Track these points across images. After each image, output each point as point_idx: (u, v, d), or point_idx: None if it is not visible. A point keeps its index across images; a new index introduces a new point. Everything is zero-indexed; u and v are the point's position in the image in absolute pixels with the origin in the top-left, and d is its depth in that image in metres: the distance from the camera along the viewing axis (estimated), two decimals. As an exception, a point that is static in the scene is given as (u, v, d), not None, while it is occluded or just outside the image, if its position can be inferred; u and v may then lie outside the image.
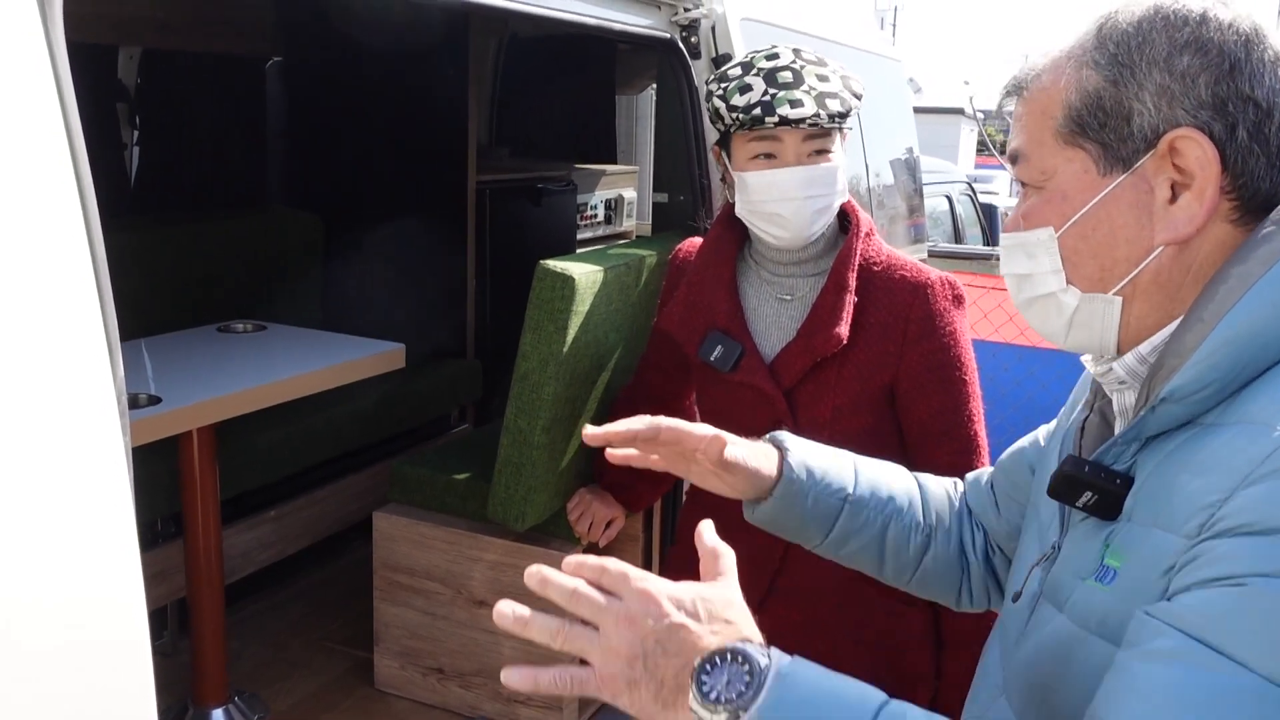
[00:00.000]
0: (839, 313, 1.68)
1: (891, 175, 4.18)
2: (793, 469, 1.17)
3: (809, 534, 1.21)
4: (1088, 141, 0.87)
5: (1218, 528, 0.74)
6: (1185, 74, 0.84)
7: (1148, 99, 0.84)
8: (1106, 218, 0.87)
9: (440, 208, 3.82)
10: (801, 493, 1.17)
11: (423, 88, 3.71)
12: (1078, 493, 0.87)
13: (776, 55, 1.71)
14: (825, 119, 1.66)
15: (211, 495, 2.44)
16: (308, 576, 3.25)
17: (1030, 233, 0.92)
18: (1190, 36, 0.84)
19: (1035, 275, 0.93)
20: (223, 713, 2.48)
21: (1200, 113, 0.83)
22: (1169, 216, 0.85)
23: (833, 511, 1.19)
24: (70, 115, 0.98)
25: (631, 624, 0.81)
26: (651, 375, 2.04)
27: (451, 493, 2.51)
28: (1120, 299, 0.89)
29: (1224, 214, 0.85)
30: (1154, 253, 0.86)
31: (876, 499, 1.21)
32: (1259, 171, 0.84)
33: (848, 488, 1.20)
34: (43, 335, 0.94)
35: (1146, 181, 0.85)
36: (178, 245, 3.31)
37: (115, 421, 1.00)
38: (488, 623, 2.46)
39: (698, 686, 0.77)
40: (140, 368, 2.29)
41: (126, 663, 1.01)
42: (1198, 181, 0.83)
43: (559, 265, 2.10)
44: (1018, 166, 0.94)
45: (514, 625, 0.85)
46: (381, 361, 2.69)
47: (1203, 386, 0.80)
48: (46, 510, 0.93)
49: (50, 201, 0.96)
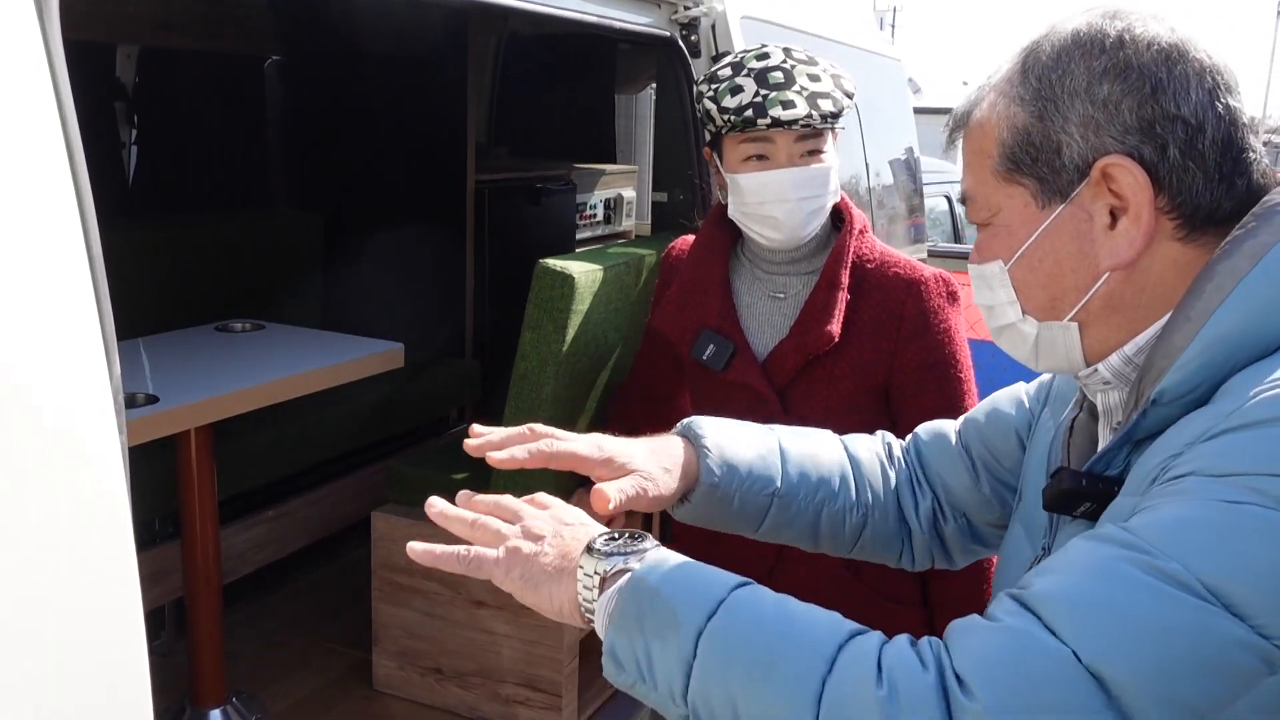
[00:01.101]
0: (831, 310, 1.68)
1: (891, 175, 4.18)
2: (712, 471, 1.11)
3: (737, 529, 1.16)
4: (1024, 177, 0.88)
5: (1168, 475, 0.75)
6: (1107, 102, 0.84)
7: (1074, 130, 0.85)
8: (1051, 249, 0.88)
9: (439, 207, 3.81)
10: (725, 496, 1.12)
11: (422, 87, 3.70)
12: (1075, 505, 0.87)
13: (767, 55, 1.70)
14: (818, 119, 1.65)
15: (209, 495, 2.43)
16: (306, 577, 3.24)
17: (984, 266, 0.94)
18: (1109, 63, 0.84)
19: (996, 306, 0.95)
20: (220, 713, 2.47)
21: (1127, 138, 0.83)
22: (1110, 242, 0.85)
23: (761, 508, 1.14)
24: (67, 114, 0.98)
25: (536, 529, 0.93)
26: (645, 374, 2.03)
27: (450, 493, 2.49)
28: (1076, 324, 0.90)
29: (1168, 233, 0.85)
30: (1101, 279, 0.87)
31: (806, 486, 1.15)
32: (1197, 187, 0.83)
33: (775, 481, 1.14)
34: (38, 333, 0.93)
35: (1085, 210, 0.86)
36: (176, 244, 3.31)
37: (112, 420, 0.99)
38: (487, 623, 2.45)
39: (590, 548, 0.88)
40: (138, 367, 2.28)
41: (123, 664, 1.01)
42: (1132, 206, 0.84)
43: (559, 264, 2.10)
44: (967, 207, 0.96)
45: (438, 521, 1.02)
46: (380, 361, 2.68)
47: (1193, 388, 0.80)
48: (42, 509, 0.92)
49: (46, 199, 0.95)
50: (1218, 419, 0.75)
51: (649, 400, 2.07)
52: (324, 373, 2.53)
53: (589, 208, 4.52)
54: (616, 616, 0.84)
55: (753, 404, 1.72)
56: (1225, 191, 0.84)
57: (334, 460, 3.22)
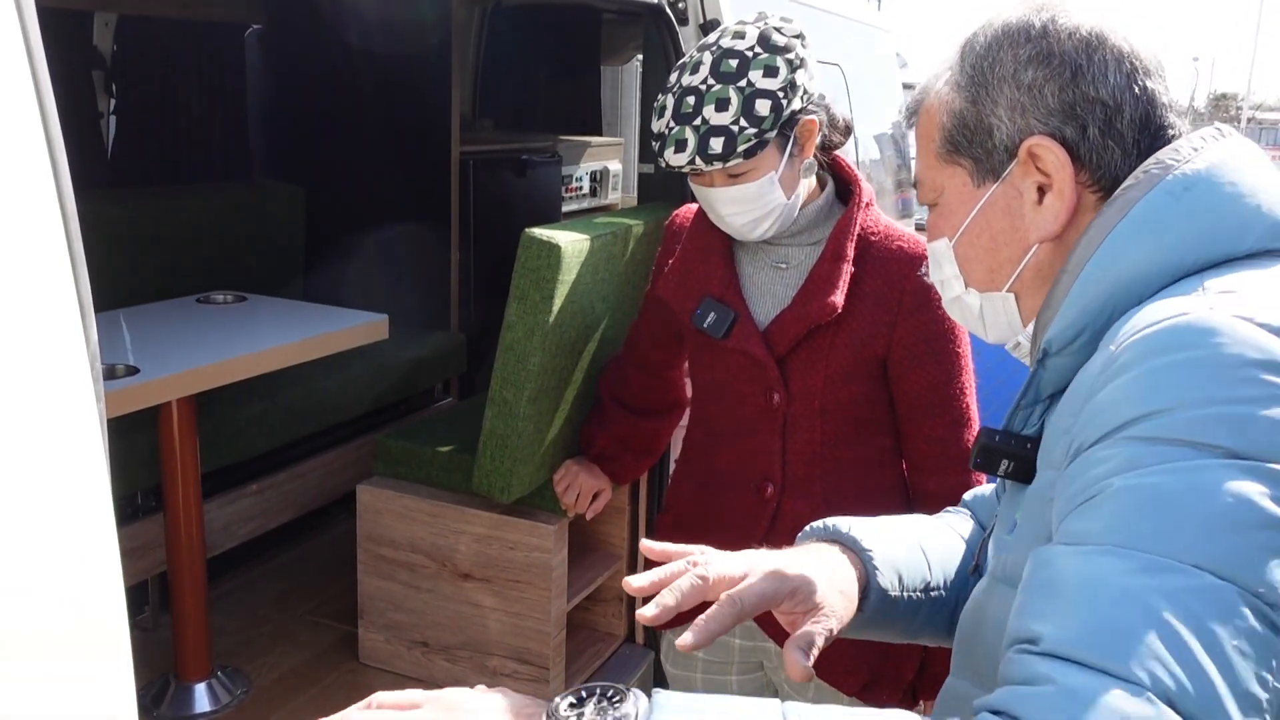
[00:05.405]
0: (835, 281, 1.67)
1: (878, 149, 4.16)
2: (884, 589, 1.05)
3: (893, 635, 1.12)
4: (962, 158, 0.96)
5: (1073, 449, 0.78)
6: (1032, 86, 0.91)
7: (1003, 113, 0.92)
8: (987, 225, 0.96)
9: (423, 179, 3.77)
10: (894, 602, 1.07)
11: (406, 58, 3.65)
12: (996, 462, 0.93)
13: (698, 68, 1.67)
14: (702, 165, 1.63)
15: (192, 468, 2.41)
16: (291, 550, 3.23)
17: (934, 244, 1.02)
18: (1033, 51, 0.91)
19: (944, 281, 1.03)
20: (205, 687, 2.46)
21: (1050, 120, 0.90)
22: (1038, 216, 0.92)
23: (917, 606, 1.10)
24: (42, 83, 0.95)
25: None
26: (643, 343, 2.02)
27: (436, 465, 2.49)
28: (1013, 295, 0.98)
29: (1091, 205, 0.91)
30: (1031, 250, 0.94)
31: (947, 581, 1.12)
32: (1115, 163, 0.90)
33: (926, 576, 1.10)
34: (8, 301, 0.91)
35: (1016, 188, 0.93)
36: (156, 215, 3.27)
37: (89, 388, 0.97)
38: (473, 596, 2.45)
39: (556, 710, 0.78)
40: (118, 339, 2.25)
41: (103, 640, 0.99)
42: (1056, 183, 0.91)
43: (545, 233, 2.08)
44: (919, 191, 1.03)
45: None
46: (364, 332, 2.66)
47: (1076, 333, 0.85)
48: (16, 483, 0.91)
49: (18, 166, 0.93)
50: (1100, 370, 0.78)
51: (643, 370, 2.06)
52: (308, 344, 2.51)
53: (574, 180, 4.49)
54: None
55: (752, 372, 1.72)
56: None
57: (319, 434, 3.20)
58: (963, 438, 1.70)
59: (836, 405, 1.71)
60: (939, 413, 1.70)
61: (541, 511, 2.39)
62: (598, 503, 2.26)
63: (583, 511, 2.26)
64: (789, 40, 1.67)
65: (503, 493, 2.26)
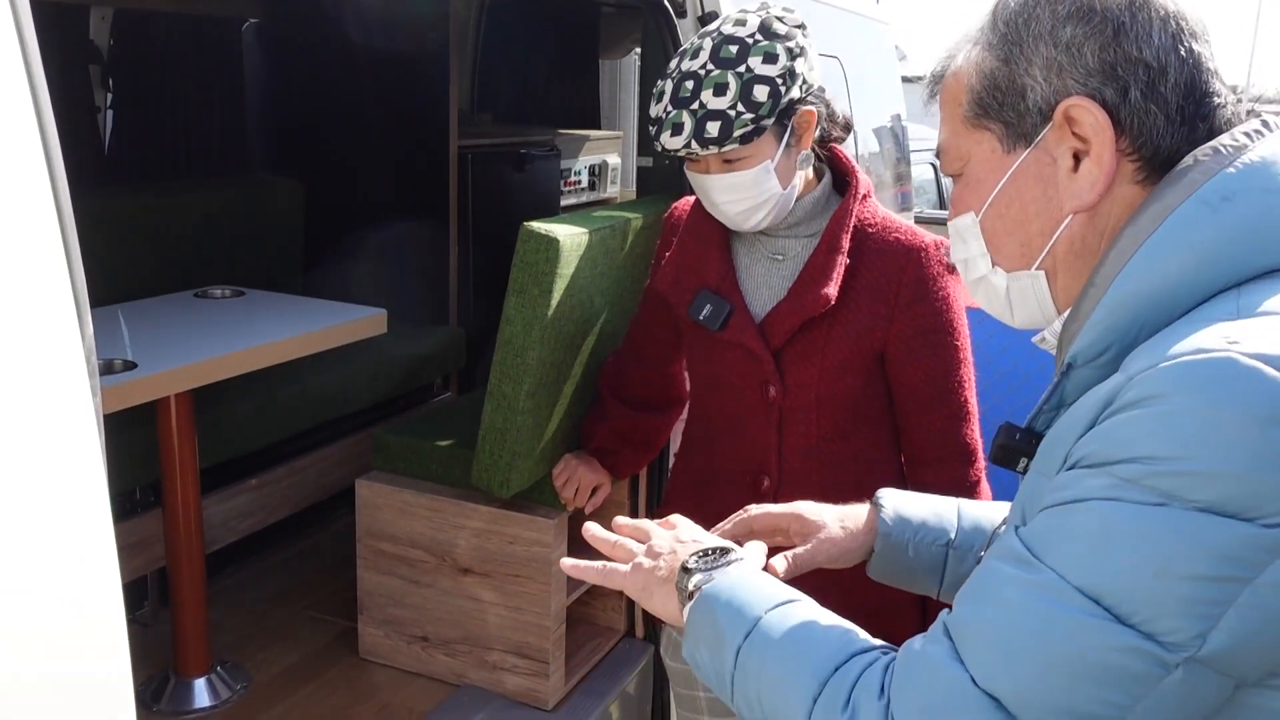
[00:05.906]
0: (830, 273, 1.66)
1: (877, 142, 4.15)
2: (885, 523, 1.19)
3: (922, 584, 1.20)
4: (992, 122, 0.90)
5: (1069, 463, 0.79)
6: (1070, 44, 0.85)
7: (1038, 73, 0.86)
8: (1017, 194, 0.90)
9: (422, 173, 3.76)
10: (899, 545, 1.18)
11: (404, 51, 3.64)
12: (1015, 459, 0.92)
13: (698, 53, 1.67)
14: (698, 149, 1.62)
15: (190, 463, 2.40)
16: (290, 545, 3.22)
17: (958, 219, 0.96)
18: (1072, 7, 0.85)
19: (969, 260, 0.97)
20: (205, 683, 2.46)
21: (1089, 80, 0.84)
22: (1073, 185, 0.87)
23: (937, 560, 1.18)
24: (37, 77, 0.94)
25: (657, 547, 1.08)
26: (642, 337, 2.02)
27: (435, 460, 2.48)
28: (1043, 273, 0.92)
29: (1128, 175, 0.86)
30: (1064, 222, 0.88)
31: (980, 539, 1.17)
32: (1158, 130, 0.84)
33: (949, 533, 1.18)
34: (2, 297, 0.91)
35: (1049, 154, 0.87)
36: (154, 210, 3.26)
37: (85, 382, 0.97)
38: (472, 590, 2.45)
39: (685, 566, 1.03)
40: (116, 334, 2.24)
41: (101, 636, 0.99)
42: (1094, 148, 0.85)
43: (543, 227, 2.07)
44: (942, 161, 0.98)
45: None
46: (363, 327, 2.65)
47: (1103, 350, 0.82)
48: (13, 479, 0.90)
49: (13, 163, 0.92)
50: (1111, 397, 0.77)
51: (643, 365, 2.05)
52: (306, 338, 2.50)
53: (573, 174, 4.48)
54: (689, 627, 0.99)
55: (748, 365, 1.71)
56: (1186, 135, 0.85)
57: (318, 428, 3.19)
58: (961, 431, 1.70)
59: (833, 398, 1.70)
60: (937, 406, 1.69)
61: (541, 506, 2.38)
62: (597, 497, 2.25)
63: (582, 506, 2.26)
64: (790, 29, 1.66)
65: (502, 487, 2.26)
